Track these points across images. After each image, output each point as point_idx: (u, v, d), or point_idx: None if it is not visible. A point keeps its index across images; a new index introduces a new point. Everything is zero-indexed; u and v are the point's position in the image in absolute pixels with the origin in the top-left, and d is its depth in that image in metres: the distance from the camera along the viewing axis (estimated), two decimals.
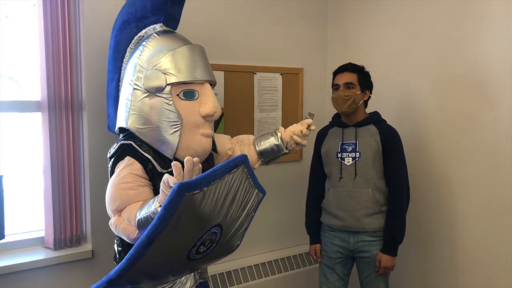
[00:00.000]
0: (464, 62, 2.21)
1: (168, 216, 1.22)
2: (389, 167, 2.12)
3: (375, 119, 2.19)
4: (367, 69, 2.21)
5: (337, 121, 2.26)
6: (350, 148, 2.15)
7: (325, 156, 2.24)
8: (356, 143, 2.14)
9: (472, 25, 2.17)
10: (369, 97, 2.20)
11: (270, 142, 1.92)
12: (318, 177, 2.30)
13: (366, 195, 2.10)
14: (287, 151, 1.93)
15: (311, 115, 1.94)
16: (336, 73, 2.21)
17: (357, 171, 2.11)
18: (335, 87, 2.18)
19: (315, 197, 2.30)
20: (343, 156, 2.15)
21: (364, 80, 2.17)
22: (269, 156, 1.94)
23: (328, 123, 2.34)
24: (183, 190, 1.22)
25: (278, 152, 1.93)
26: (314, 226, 2.31)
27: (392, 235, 2.10)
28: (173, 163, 1.34)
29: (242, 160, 1.42)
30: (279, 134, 1.92)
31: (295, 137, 1.89)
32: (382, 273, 2.12)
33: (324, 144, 2.26)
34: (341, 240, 2.18)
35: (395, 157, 2.12)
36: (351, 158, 2.13)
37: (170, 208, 1.22)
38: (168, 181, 1.32)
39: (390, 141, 2.12)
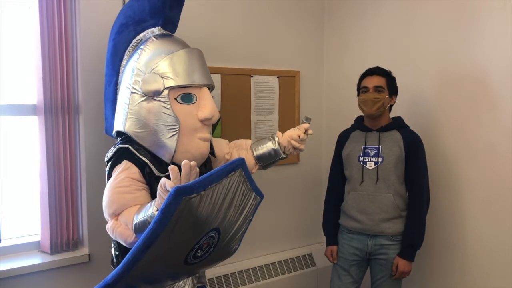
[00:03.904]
0: (464, 63, 2.22)
1: (165, 220, 1.22)
2: (410, 173, 2.12)
3: (399, 124, 2.19)
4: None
5: (360, 124, 2.25)
6: (372, 153, 2.15)
7: (346, 159, 2.24)
8: (379, 147, 2.14)
9: (472, 25, 2.18)
10: (394, 102, 2.20)
11: (267, 146, 1.92)
12: (338, 179, 2.30)
13: (387, 200, 2.10)
14: (284, 156, 1.93)
15: (308, 120, 1.93)
16: (365, 75, 2.19)
17: (379, 176, 2.12)
18: (363, 89, 2.16)
19: (333, 199, 2.31)
20: (365, 160, 2.15)
21: (392, 85, 2.17)
22: (266, 161, 1.94)
23: (349, 126, 2.33)
24: (180, 194, 1.21)
25: (275, 157, 1.92)
26: (332, 228, 2.31)
27: (411, 241, 2.11)
28: (170, 167, 1.34)
29: (240, 163, 1.42)
30: (276, 139, 1.92)
31: (293, 142, 1.89)
32: (398, 277, 2.12)
33: (346, 147, 2.25)
34: (359, 242, 2.18)
35: (418, 163, 2.12)
36: (373, 163, 2.14)
37: (167, 212, 1.22)
38: (165, 185, 1.33)
39: (413, 148, 2.12)
